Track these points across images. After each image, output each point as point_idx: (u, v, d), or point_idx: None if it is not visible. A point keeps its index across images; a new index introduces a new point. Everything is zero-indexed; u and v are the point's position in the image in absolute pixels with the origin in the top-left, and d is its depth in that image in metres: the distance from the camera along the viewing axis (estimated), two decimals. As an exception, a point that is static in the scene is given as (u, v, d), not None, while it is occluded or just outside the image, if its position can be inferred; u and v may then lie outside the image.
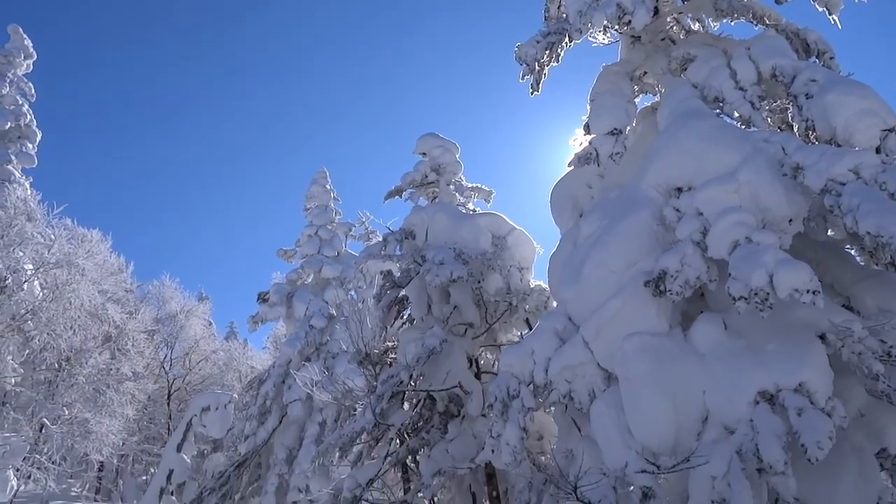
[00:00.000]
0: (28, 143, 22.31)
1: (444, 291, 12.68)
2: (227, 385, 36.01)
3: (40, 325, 20.92)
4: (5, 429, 20.00)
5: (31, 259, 20.15)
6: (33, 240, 20.59)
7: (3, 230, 19.29)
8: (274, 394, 20.91)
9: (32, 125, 22.39)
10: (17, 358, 20.67)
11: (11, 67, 22.44)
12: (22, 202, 20.95)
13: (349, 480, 10.97)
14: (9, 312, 19.10)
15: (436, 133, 14.96)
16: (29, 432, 22.20)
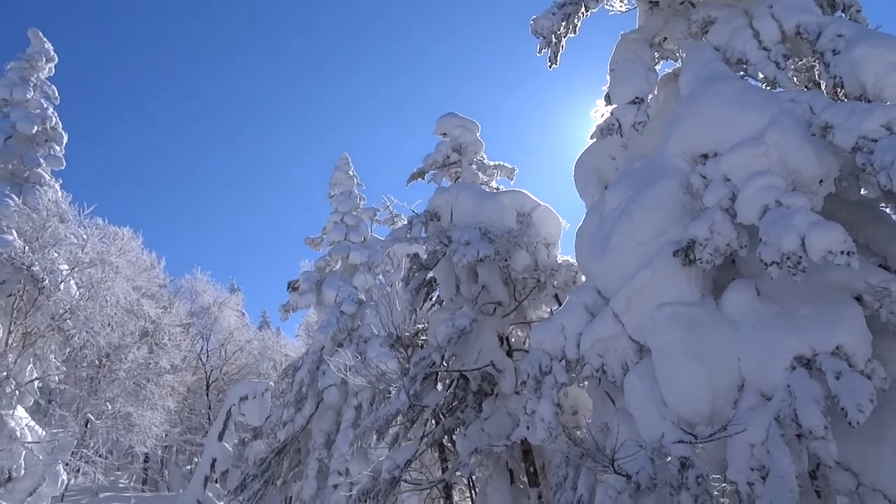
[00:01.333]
0: (55, 146, 22.63)
1: (471, 271, 12.68)
2: (262, 374, 36.62)
3: (79, 323, 21.42)
4: (52, 425, 20.60)
5: (65, 259, 20.57)
6: (67, 240, 21.00)
7: (38, 232, 19.71)
8: (309, 380, 21.20)
9: (58, 127, 22.70)
10: (60, 356, 21.20)
11: (34, 72, 22.75)
12: (53, 204, 21.36)
13: (387, 462, 11.11)
14: (48, 312, 19.57)
15: (455, 113, 14.87)
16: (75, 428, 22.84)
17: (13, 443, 17.71)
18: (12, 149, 21.59)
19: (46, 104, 22.63)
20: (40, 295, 18.97)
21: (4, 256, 18.48)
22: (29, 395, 19.51)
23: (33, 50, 23.12)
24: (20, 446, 17.81)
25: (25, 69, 22.58)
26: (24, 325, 18.47)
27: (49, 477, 18.54)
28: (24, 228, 19.77)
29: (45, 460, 18.38)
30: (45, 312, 19.40)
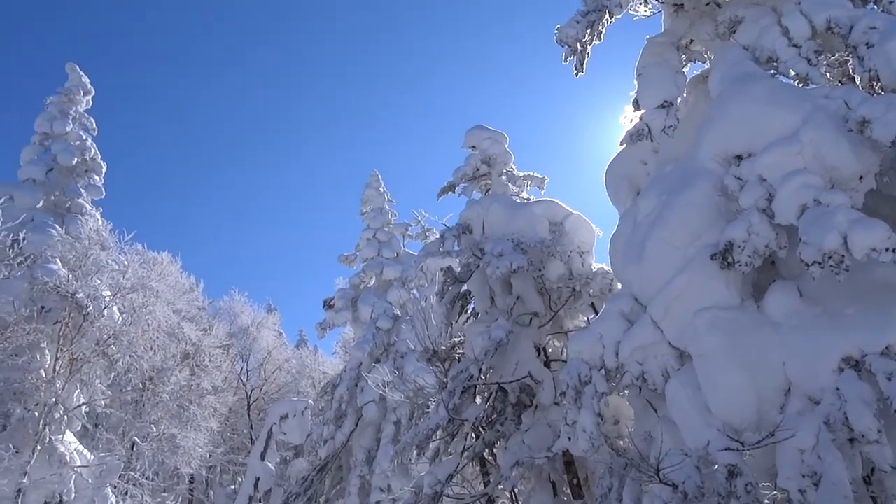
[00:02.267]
0: (95, 176, 23.29)
1: (505, 283, 12.64)
2: (302, 392, 36.89)
3: (122, 348, 21.90)
4: (100, 449, 21.03)
5: (108, 286, 21.08)
6: (108, 267, 21.53)
7: (81, 260, 20.25)
8: (348, 397, 21.30)
9: (97, 158, 23.36)
10: (105, 381, 21.67)
11: (73, 105, 23.48)
12: (95, 232, 21.94)
13: (429, 477, 11.09)
14: (93, 338, 20.04)
15: (483, 125, 14.91)
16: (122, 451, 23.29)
17: (63, 467, 18.13)
18: (54, 180, 22.27)
19: (85, 136, 23.31)
20: (85, 321, 19.44)
21: (50, 285, 19.02)
22: (77, 420, 19.97)
23: (71, 84, 23.87)
24: (70, 470, 18.23)
25: (64, 103, 23.31)
26: (70, 352, 18.93)
27: (98, 500, 18.93)
28: (67, 257, 20.33)
29: (94, 484, 18.78)
30: (89, 338, 19.87)
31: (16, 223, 18.39)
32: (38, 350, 18.72)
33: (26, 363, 18.07)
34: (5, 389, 17.59)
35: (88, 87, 24.20)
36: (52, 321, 19.18)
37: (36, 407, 17.94)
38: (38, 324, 18.57)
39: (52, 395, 18.11)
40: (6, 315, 18.06)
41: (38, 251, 19.54)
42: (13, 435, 17.70)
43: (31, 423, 17.82)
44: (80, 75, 24.11)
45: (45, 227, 20.36)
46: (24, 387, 17.93)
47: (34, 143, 22.58)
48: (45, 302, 19.18)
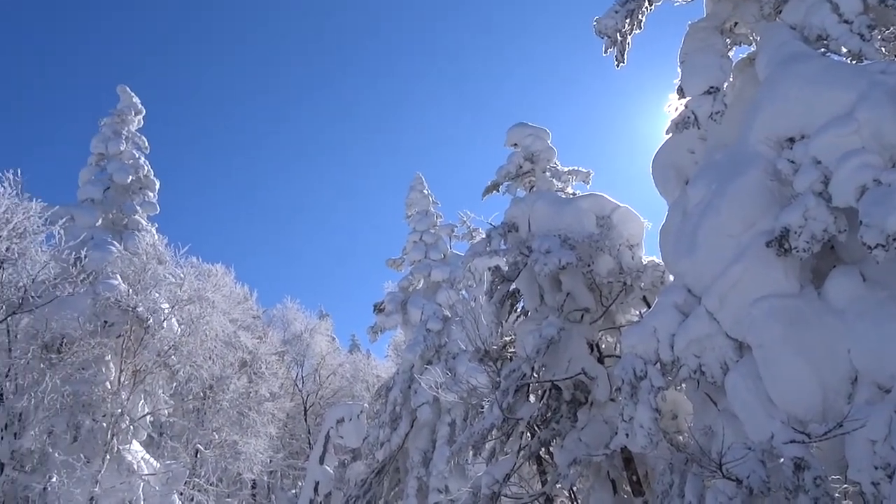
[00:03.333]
0: (149, 193, 24.05)
1: (554, 280, 12.53)
2: (356, 396, 37.34)
3: (182, 358, 22.57)
4: (165, 457, 21.72)
5: (166, 298, 21.74)
6: (166, 281, 22.22)
7: (139, 275, 20.96)
8: (402, 399, 21.44)
9: (150, 175, 24.12)
10: (167, 391, 22.36)
11: (125, 125, 24.31)
12: (151, 247, 22.68)
13: (486, 477, 11.07)
14: (154, 350, 20.71)
15: (524, 122, 14.82)
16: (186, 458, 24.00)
17: (132, 475, 18.78)
18: (111, 199, 23.08)
19: (138, 154, 24.10)
20: (146, 334, 20.10)
21: (111, 300, 19.72)
22: (142, 430, 20.66)
23: (123, 105, 24.71)
24: (138, 478, 18.87)
25: (117, 123, 24.15)
26: (133, 364, 19.59)
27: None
28: (126, 272, 21.05)
29: (161, 491, 19.38)
30: (151, 350, 20.53)
31: (77, 242, 19.15)
32: (104, 363, 19.42)
33: (93, 376, 18.78)
34: (74, 402, 18.32)
35: (139, 107, 25.02)
36: (115, 335, 19.89)
37: (104, 418, 18.63)
38: (102, 338, 19.28)
39: (118, 406, 18.77)
40: (72, 330, 18.81)
41: (99, 268, 20.28)
42: (84, 445, 18.42)
43: (100, 433, 18.51)
44: (131, 96, 24.94)
45: (104, 245, 21.11)
46: (92, 399, 18.64)
47: (91, 164, 23.46)
48: (108, 316, 19.89)
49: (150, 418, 21.15)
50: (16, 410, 16.66)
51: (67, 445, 18.23)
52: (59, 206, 20.62)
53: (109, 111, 24.50)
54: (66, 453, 17.55)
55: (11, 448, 16.58)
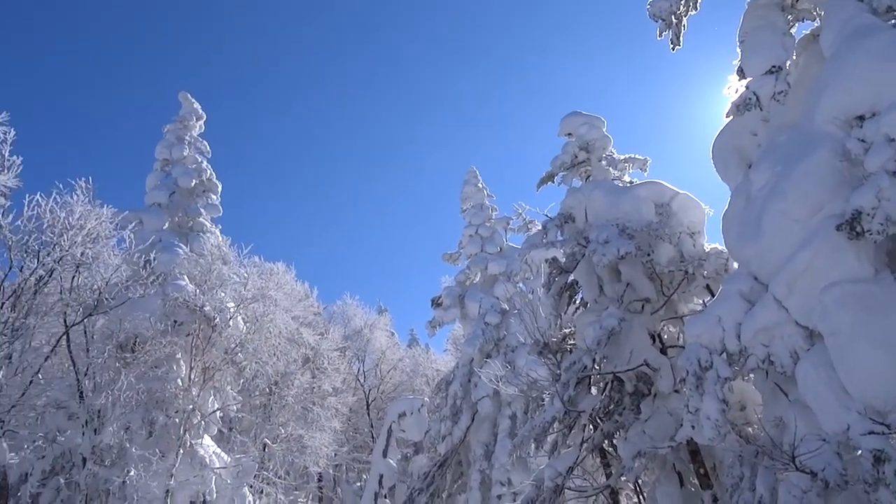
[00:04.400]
0: (212, 195, 24.79)
1: (613, 270, 12.34)
2: (417, 390, 37.70)
3: (248, 355, 23.25)
4: (235, 451, 22.41)
5: (231, 297, 22.41)
6: (231, 280, 22.91)
7: (205, 275, 21.67)
8: (462, 393, 21.53)
9: (213, 178, 24.86)
10: (235, 387, 23.07)
11: (187, 131, 25.11)
12: (216, 248, 23.42)
13: (549, 470, 11.01)
14: (222, 347, 21.39)
15: (578, 111, 14.62)
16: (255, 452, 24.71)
17: (204, 469, 19.46)
18: (177, 202, 23.90)
19: (201, 158, 24.86)
20: (213, 332, 20.77)
21: (180, 300, 20.45)
22: (213, 425, 21.37)
23: (184, 111, 25.53)
24: (210, 472, 19.54)
25: (180, 129, 24.97)
26: (202, 361, 20.27)
27: (237, 499, 20.16)
28: (193, 273, 21.79)
29: (232, 484, 20.02)
30: (218, 348, 21.21)
31: (146, 245, 19.92)
32: (174, 361, 20.16)
33: (165, 374, 19.53)
34: (149, 399, 19.08)
35: (200, 113, 25.81)
36: (184, 333, 20.62)
37: (176, 414, 19.35)
38: (172, 337, 20.03)
39: (189, 402, 19.47)
40: (144, 330, 19.59)
41: (167, 269, 21.04)
42: (158, 441, 19.19)
43: (173, 428, 19.24)
44: (192, 102, 25.73)
45: (172, 247, 21.89)
46: (165, 396, 19.38)
47: (156, 170, 24.34)
48: (177, 316, 20.64)
49: (220, 414, 21.85)
50: (95, 407, 17.47)
51: (143, 440, 19.02)
52: (129, 210, 21.49)
53: (172, 118, 25.37)
54: (142, 448, 18.32)
55: (92, 443, 17.41)
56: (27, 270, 16.39)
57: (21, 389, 15.99)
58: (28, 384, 16.19)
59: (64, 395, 17.81)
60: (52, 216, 16.79)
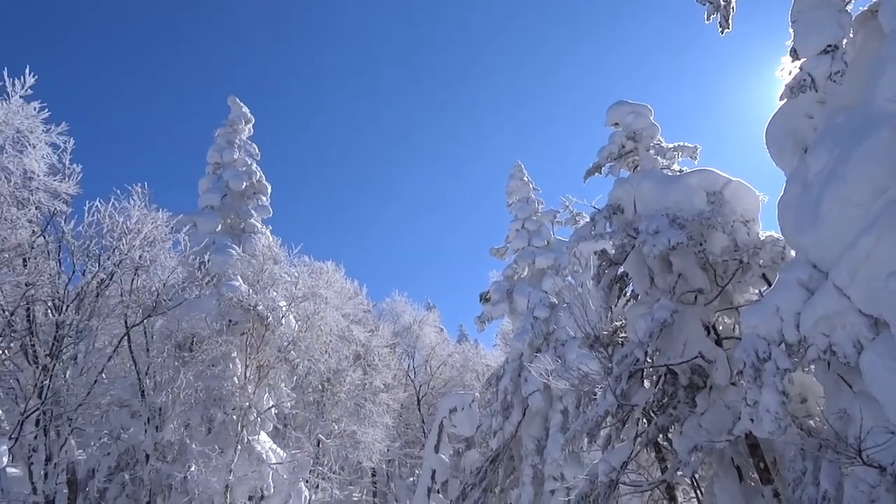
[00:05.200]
0: (262, 197, 25.27)
1: (664, 261, 12.09)
2: (467, 385, 37.78)
3: (301, 352, 23.67)
4: (290, 447, 22.85)
5: (283, 296, 22.85)
6: (282, 280, 23.35)
7: (257, 275, 22.14)
8: (512, 388, 21.46)
9: (263, 180, 25.35)
10: (289, 384, 23.51)
11: (237, 134, 25.65)
12: (267, 249, 23.89)
13: (602, 465, 10.89)
14: (275, 345, 21.84)
15: (624, 100, 14.37)
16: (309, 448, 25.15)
17: (261, 465, 19.91)
18: (228, 205, 24.46)
19: (250, 161, 25.37)
20: (266, 331, 21.20)
21: (234, 300, 20.94)
22: (269, 422, 21.84)
23: (234, 115, 26.08)
24: (267, 467, 19.98)
25: (230, 133, 25.53)
26: (257, 359, 20.72)
27: (293, 494, 20.57)
28: (246, 273, 22.28)
29: (288, 479, 20.43)
30: (272, 346, 21.65)
31: (200, 247, 20.45)
32: (230, 359, 20.67)
33: (221, 372, 20.04)
34: (207, 396, 19.62)
35: (249, 117, 26.34)
36: (239, 332, 21.12)
37: (233, 411, 19.84)
38: (227, 336, 20.53)
39: (245, 399, 19.94)
40: (201, 330, 20.14)
41: (221, 270, 21.57)
42: (217, 437, 19.71)
43: (231, 425, 19.73)
44: (241, 106, 26.27)
45: (225, 248, 22.42)
46: (222, 393, 19.89)
47: (208, 174, 24.95)
48: (232, 315, 21.14)
49: (275, 410, 22.31)
50: (156, 405, 18.05)
51: (203, 437, 19.58)
52: (183, 214, 22.08)
53: (222, 122, 25.92)
54: (201, 444, 18.86)
55: (154, 440, 18.00)
56: (89, 274, 17.01)
57: (86, 389, 16.62)
58: (93, 384, 16.81)
59: (126, 394, 18.46)
60: (111, 221, 17.40)
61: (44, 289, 16.06)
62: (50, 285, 16.22)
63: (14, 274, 15.56)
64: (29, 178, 15.63)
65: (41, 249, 16.40)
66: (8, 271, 15.62)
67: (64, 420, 16.15)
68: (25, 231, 15.64)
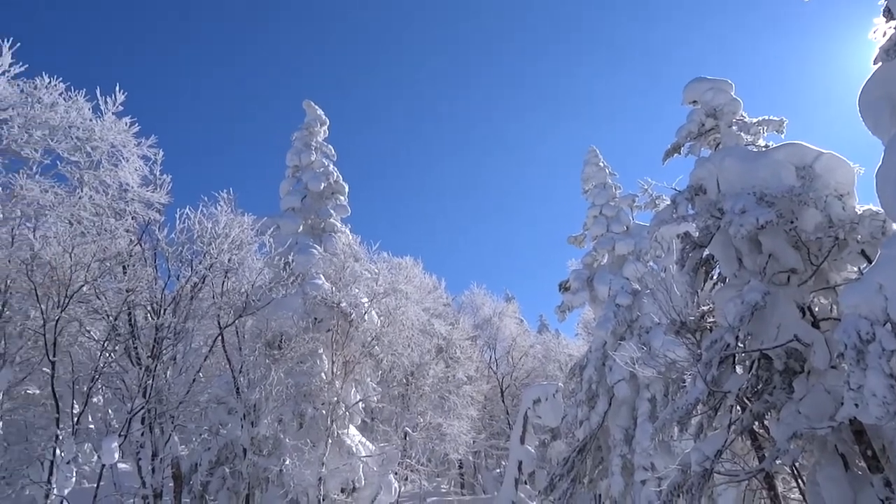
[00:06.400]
0: (340, 197, 25.87)
1: (753, 241, 11.58)
2: (550, 375, 37.53)
3: (384, 347, 24.13)
4: (378, 440, 23.38)
5: (364, 293, 23.34)
6: (363, 276, 23.86)
7: (339, 273, 22.70)
8: (597, 377, 21.16)
9: (340, 180, 25.93)
10: (374, 379, 24.03)
11: (313, 137, 26.34)
12: (347, 247, 24.46)
13: (695, 454, 10.56)
14: (359, 341, 22.35)
15: (702, 76, 13.83)
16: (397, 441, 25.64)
17: (352, 458, 20.44)
18: (308, 206, 25.16)
19: (327, 162, 26.00)
20: (350, 327, 21.72)
21: (318, 298, 21.55)
22: (357, 416, 22.39)
23: (309, 119, 26.77)
24: (357, 460, 20.49)
25: (306, 136, 26.24)
26: (342, 355, 21.26)
27: (384, 486, 21.02)
28: (328, 272, 22.88)
29: (378, 471, 20.90)
30: (356, 341, 22.17)
31: (284, 248, 21.16)
32: (317, 356, 21.30)
33: (310, 368, 20.70)
34: (297, 392, 20.31)
35: (324, 119, 26.98)
36: (324, 329, 21.73)
37: (323, 406, 20.46)
38: (314, 333, 21.17)
39: (333, 394, 20.50)
40: (289, 328, 20.85)
41: (304, 270, 22.24)
42: (308, 431, 20.38)
43: (321, 420, 20.35)
44: (315, 109, 26.94)
45: (307, 248, 23.09)
46: (311, 389, 20.54)
47: (288, 176, 25.74)
48: (317, 313, 21.78)
49: (362, 404, 22.85)
50: (250, 402, 18.84)
51: (295, 431, 20.29)
52: (266, 217, 22.88)
53: (298, 126, 26.68)
54: (294, 438, 19.55)
55: (250, 435, 18.79)
56: (183, 278, 17.91)
57: (186, 387, 17.53)
58: (191, 382, 17.71)
59: (223, 392, 19.35)
60: (201, 227, 18.25)
61: (143, 294, 17.04)
62: (148, 290, 17.19)
63: (115, 281, 16.58)
64: (124, 189, 16.61)
65: (138, 257, 17.39)
66: (110, 279, 16.65)
67: (167, 417, 17.09)
68: (123, 240, 16.62)
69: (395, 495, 22.61)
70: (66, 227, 15.42)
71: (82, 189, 15.66)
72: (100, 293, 16.34)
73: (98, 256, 15.63)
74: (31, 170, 14.96)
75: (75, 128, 15.43)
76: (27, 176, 14.77)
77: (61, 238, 15.01)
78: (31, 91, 14.99)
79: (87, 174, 15.78)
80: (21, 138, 14.78)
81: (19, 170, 14.89)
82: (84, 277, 15.29)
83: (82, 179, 15.74)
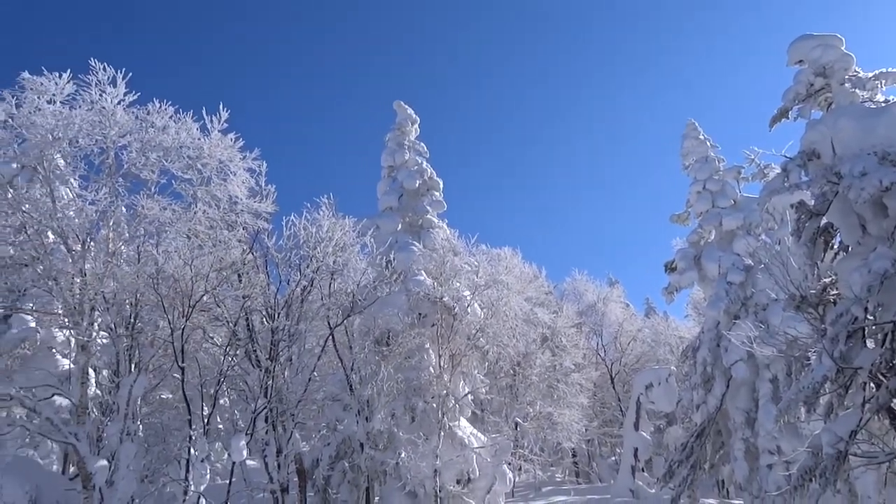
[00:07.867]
0: (435, 193, 26.14)
1: (877, 205, 10.74)
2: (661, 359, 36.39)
3: (489, 339, 24.22)
4: (489, 431, 23.53)
5: (466, 286, 23.51)
6: (463, 270, 24.03)
7: (440, 268, 22.98)
8: (711, 359, 20.35)
9: (434, 176, 26.22)
10: (481, 370, 24.17)
11: (405, 136, 26.77)
12: (446, 241, 24.70)
13: (826, 435, 9.95)
14: (464, 334, 22.55)
15: (808, 33, 12.95)
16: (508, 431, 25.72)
17: (464, 449, 20.69)
18: (405, 204, 25.60)
19: (420, 160, 26.35)
20: (454, 320, 21.96)
21: (421, 294, 21.93)
22: (466, 408, 22.63)
23: (400, 119, 27.22)
24: (470, 452, 20.72)
25: (399, 136, 26.70)
26: (448, 349, 21.54)
27: (498, 476, 21.15)
28: (429, 268, 23.21)
29: (492, 462, 21.05)
30: (461, 335, 22.39)
31: (385, 247, 21.66)
32: (424, 351, 21.68)
33: (418, 363, 21.11)
34: (407, 387, 20.78)
35: (414, 118, 27.35)
36: (429, 324, 22.09)
37: (433, 399, 20.82)
38: (419, 328, 21.57)
39: (442, 387, 20.82)
40: (395, 325, 21.35)
41: (406, 267, 22.67)
42: (421, 425, 20.81)
43: (432, 413, 20.72)
44: (406, 109, 27.35)
45: (407, 246, 23.52)
46: (420, 383, 20.96)
47: (384, 177, 26.29)
48: (421, 309, 22.17)
49: (471, 396, 23.05)
50: (364, 398, 19.46)
51: (408, 425, 20.77)
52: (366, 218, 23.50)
53: (390, 126, 27.18)
54: (407, 432, 20.02)
55: (365, 430, 19.42)
56: (293, 283, 18.74)
57: (303, 386, 18.35)
58: (308, 381, 18.52)
59: (337, 389, 20.11)
60: (306, 232, 19.03)
61: (258, 300, 17.99)
62: (262, 296, 18.12)
63: (232, 289, 17.58)
64: (234, 202, 17.56)
65: (251, 265, 18.35)
66: (228, 287, 17.68)
67: (287, 416, 17.96)
68: (237, 250, 17.59)
69: (509, 485, 22.72)
70: (185, 241, 16.51)
71: (196, 205, 16.70)
72: (219, 301, 17.38)
73: (215, 267, 16.62)
74: (150, 190, 16.13)
75: (186, 147, 16.47)
76: (147, 196, 15.93)
77: (181, 252, 16.08)
78: (145, 117, 16.15)
79: (199, 190, 16.81)
80: (139, 161, 15.96)
81: (140, 191, 16.10)
82: (204, 287, 16.30)
83: (196, 195, 16.79)
